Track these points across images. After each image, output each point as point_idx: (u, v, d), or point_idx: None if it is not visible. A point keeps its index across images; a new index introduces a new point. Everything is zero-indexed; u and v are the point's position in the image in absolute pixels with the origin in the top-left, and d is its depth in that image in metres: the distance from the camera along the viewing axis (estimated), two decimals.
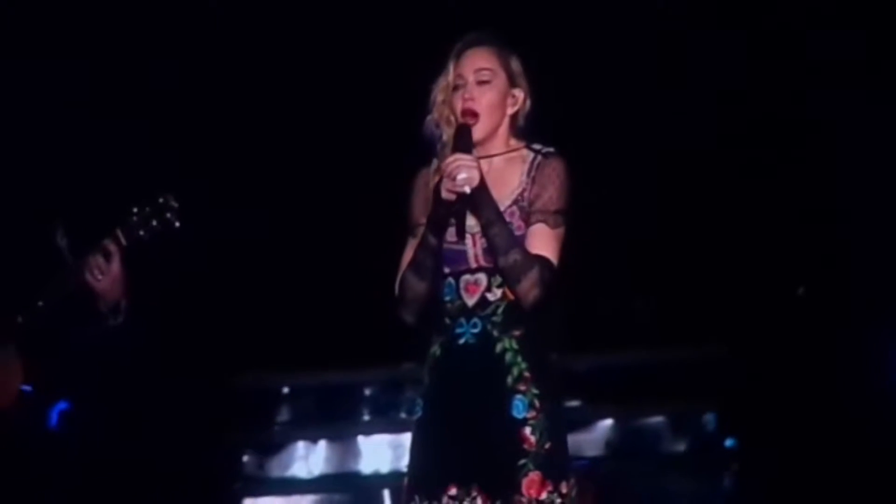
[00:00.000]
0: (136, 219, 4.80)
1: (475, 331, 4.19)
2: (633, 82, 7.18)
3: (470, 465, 4.14)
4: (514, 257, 4.12)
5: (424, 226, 4.22)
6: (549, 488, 4.13)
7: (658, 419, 7.83)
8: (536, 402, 4.15)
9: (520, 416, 4.15)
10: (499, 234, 4.13)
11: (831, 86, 7.11)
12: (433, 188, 4.22)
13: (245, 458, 7.87)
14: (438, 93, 4.29)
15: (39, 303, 4.92)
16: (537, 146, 4.30)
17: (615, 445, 7.78)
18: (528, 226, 4.19)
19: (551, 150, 4.29)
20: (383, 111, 6.51)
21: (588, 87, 7.03)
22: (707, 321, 7.47)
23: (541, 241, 4.17)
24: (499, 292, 4.19)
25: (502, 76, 4.27)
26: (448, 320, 4.22)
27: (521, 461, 4.12)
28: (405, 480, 4.29)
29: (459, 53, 4.28)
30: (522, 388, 4.15)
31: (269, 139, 7.26)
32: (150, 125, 6.93)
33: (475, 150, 4.18)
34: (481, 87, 4.24)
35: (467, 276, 4.22)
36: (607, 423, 7.80)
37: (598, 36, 7.05)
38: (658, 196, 7.40)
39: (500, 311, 4.18)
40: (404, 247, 4.31)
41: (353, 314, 7.15)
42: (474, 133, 4.20)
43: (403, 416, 7.60)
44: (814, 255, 7.43)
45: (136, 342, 5.13)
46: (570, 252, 4.24)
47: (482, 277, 4.21)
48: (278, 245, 7.35)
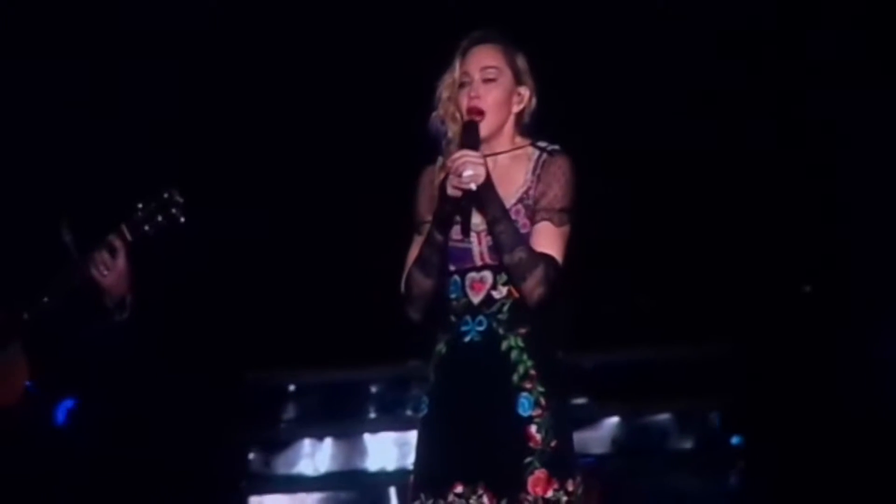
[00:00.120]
0: (141, 214, 4.80)
1: (481, 329, 4.19)
2: (638, 80, 7.17)
3: (476, 463, 4.13)
4: (520, 255, 4.11)
5: (430, 223, 4.21)
6: (555, 486, 4.12)
7: (664, 417, 7.82)
8: (542, 400, 4.15)
9: (525, 414, 4.14)
10: (504, 232, 4.12)
11: (832, 85, 7.10)
12: (439, 185, 4.21)
13: (251, 456, 7.87)
14: (444, 89, 4.28)
15: (45, 299, 4.92)
16: (542, 144, 4.29)
17: (621, 443, 7.78)
18: (533, 224, 4.19)
19: (556, 147, 4.28)
20: (389, 108, 6.51)
21: (593, 84, 7.02)
22: (713, 319, 7.46)
23: (546, 239, 4.16)
24: (504, 290, 4.18)
25: (508, 74, 4.26)
26: (453, 318, 4.21)
27: (527, 459, 4.12)
28: (411, 478, 4.28)
29: (465, 51, 4.27)
30: (528, 385, 4.15)
31: (274, 136, 7.25)
32: (157, 121, 6.92)
33: (481, 148, 4.17)
34: (487, 84, 4.23)
35: (473, 274, 4.21)
36: (613, 420, 7.79)
37: (602, 34, 7.04)
38: (664, 194, 7.39)
39: (505, 308, 4.17)
40: (410, 244, 4.30)
41: (358, 312, 7.15)
42: (480, 130, 4.19)
43: (409, 413, 7.59)
44: (819, 253, 7.43)
45: (142, 338, 5.13)
46: (575, 249, 4.23)
47: (487, 275, 4.20)
48: (284, 242, 7.34)
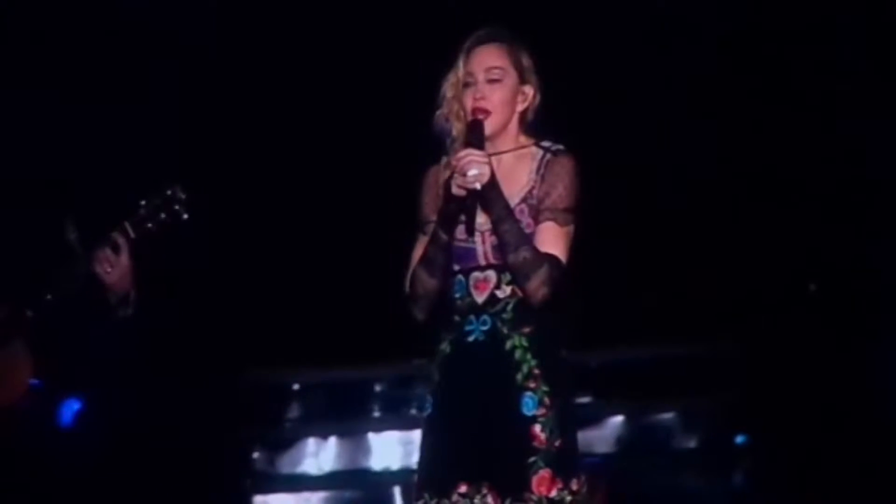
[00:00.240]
0: (144, 211, 4.81)
1: (485, 328, 4.18)
2: (642, 79, 7.16)
3: (480, 463, 4.13)
4: (524, 255, 4.10)
5: (435, 222, 4.21)
6: (560, 486, 4.12)
7: (669, 416, 7.82)
8: (546, 399, 4.14)
9: (530, 414, 4.13)
10: (509, 231, 4.11)
11: (833, 84, 7.10)
12: (444, 184, 4.21)
13: (255, 455, 7.87)
14: (448, 88, 4.27)
15: (48, 296, 4.92)
16: (546, 143, 4.28)
17: (626, 442, 7.77)
18: (538, 223, 4.18)
19: (560, 147, 4.27)
20: (394, 106, 6.50)
21: (598, 83, 7.02)
22: (718, 318, 7.46)
23: (550, 239, 4.16)
24: (508, 289, 4.17)
25: (512, 73, 4.25)
26: (458, 317, 4.21)
27: (532, 458, 4.11)
28: (415, 477, 4.28)
29: (469, 50, 4.26)
30: (532, 385, 4.14)
31: (278, 133, 7.25)
32: (160, 118, 6.92)
33: (485, 147, 4.16)
34: (492, 85, 4.22)
35: (477, 274, 4.20)
36: (618, 419, 7.79)
37: (606, 33, 7.04)
38: (669, 192, 7.38)
39: (509, 308, 4.17)
40: (414, 243, 4.30)
41: (362, 311, 7.14)
42: (485, 129, 4.18)
43: (413, 412, 7.59)
44: (824, 252, 7.42)
45: (146, 335, 5.13)
46: (580, 247, 4.22)
47: (492, 274, 4.19)
48: (288, 241, 7.34)
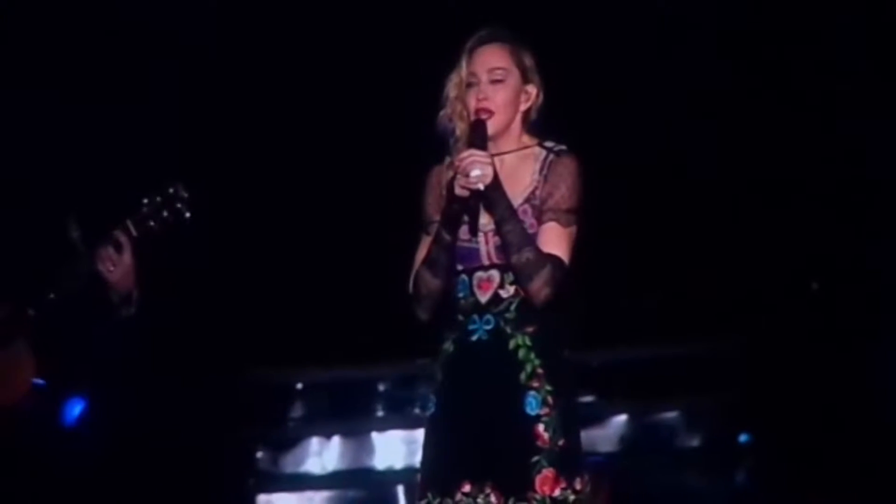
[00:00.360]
0: (146, 209, 4.81)
1: (488, 327, 4.18)
2: (644, 79, 7.16)
3: (483, 462, 4.13)
4: (527, 255, 4.10)
5: (438, 222, 4.21)
6: (563, 485, 4.12)
7: (672, 415, 7.82)
8: (550, 399, 4.14)
9: (533, 413, 4.13)
10: (512, 232, 4.11)
11: (833, 84, 7.10)
12: (447, 184, 4.21)
13: (259, 454, 7.88)
14: (451, 89, 4.27)
15: (51, 295, 4.92)
16: (549, 144, 4.28)
17: (629, 441, 7.78)
18: (541, 224, 4.18)
19: (563, 147, 4.27)
20: (397, 106, 6.50)
21: (599, 83, 7.01)
22: (721, 316, 7.46)
23: (553, 239, 4.16)
24: (511, 289, 4.17)
25: (515, 73, 4.25)
26: (461, 317, 4.21)
27: (535, 458, 4.11)
28: (419, 477, 4.28)
29: (472, 50, 4.26)
30: (535, 384, 4.14)
31: (280, 133, 7.25)
32: (162, 117, 6.92)
33: (488, 147, 4.16)
34: (495, 85, 4.22)
35: (480, 273, 4.20)
36: (621, 418, 7.79)
37: (608, 33, 7.03)
38: (671, 191, 7.38)
39: (512, 307, 4.17)
40: (418, 244, 4.30)
41: (366, 310, 7.15)
42: (488, 129, 4.18)
43: (417, 412, 7.59)
44: (827, 251, 7.41)
45: (149, 334, 5.13)
46: (583, 247, 4.22)
47: (495, 274, 4.19)
48: (291, 240, 7.34)
